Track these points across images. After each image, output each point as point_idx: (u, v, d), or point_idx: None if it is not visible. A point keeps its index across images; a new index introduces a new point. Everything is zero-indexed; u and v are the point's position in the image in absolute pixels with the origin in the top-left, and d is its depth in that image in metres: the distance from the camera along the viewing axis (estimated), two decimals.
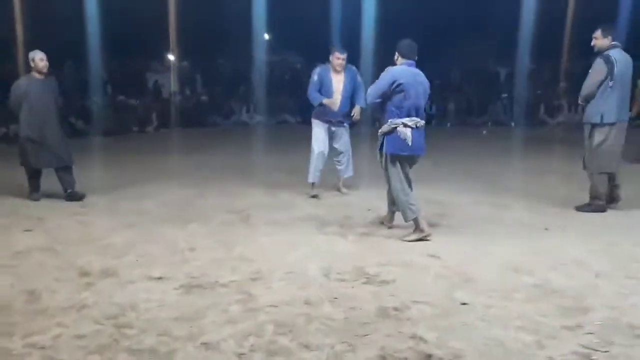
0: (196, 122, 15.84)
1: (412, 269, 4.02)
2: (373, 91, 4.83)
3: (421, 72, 4.84)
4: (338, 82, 6.44)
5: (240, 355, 2.77)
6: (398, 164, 4.81)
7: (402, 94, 4.68)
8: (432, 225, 5.01)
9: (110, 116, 14.42)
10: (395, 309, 3.31)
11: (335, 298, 3.49)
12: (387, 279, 3.80)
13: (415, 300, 3.42)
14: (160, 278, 3.86)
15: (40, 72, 6.31)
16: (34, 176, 6.49)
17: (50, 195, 6.54)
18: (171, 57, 18.20)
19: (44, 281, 3.81)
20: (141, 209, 5.96)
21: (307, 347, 2.85)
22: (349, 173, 6.76)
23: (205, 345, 2.87)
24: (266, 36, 20.71)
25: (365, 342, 2.91)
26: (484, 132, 13.80)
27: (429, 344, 2.87)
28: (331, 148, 6.64)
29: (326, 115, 6.49)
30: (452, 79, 17.31)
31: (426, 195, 6.59)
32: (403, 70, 4.75)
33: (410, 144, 4.72)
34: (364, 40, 15.32)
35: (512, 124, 15.29)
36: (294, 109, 16.84)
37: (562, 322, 3.11)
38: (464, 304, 3.38)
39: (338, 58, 6.36)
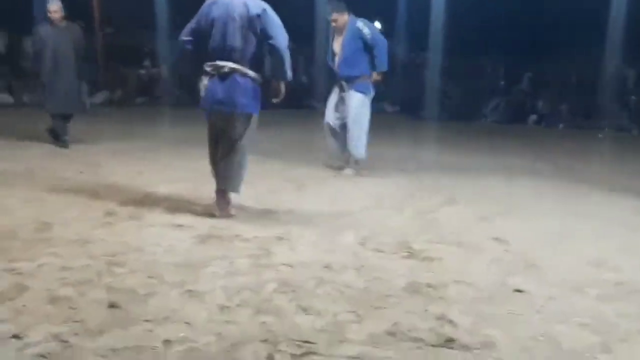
0: (293, 104, 15.64)
1: (466, 249, 3.37)
2: (184, 29, 3.72)
3: (245, 2, 3.56)
4: (338, 44, 5.54)
5: (223, 307, 2.34)
6: (208, 123, 3.78)
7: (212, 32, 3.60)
8: (505, 212, 4.33)
9: None
10: (429, 285, 2.72)
11: (362, 266, 2.95)
12: (432, 257, 3.18)
13: (457, 280, 2.81)
14: (180, 225, 3.53)
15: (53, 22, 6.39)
16: (57, 122, 6.51)
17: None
18: None
19: (65, 216, 3.62)
20: (197, 167, 5.71)
21: (305, 310, 2.36)
22: (355, 151, 5.61)
23: (190, 292, 2.47)
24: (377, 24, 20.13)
25: (377, 315, 2.36)
26: (600, 135, 12.36)
27: (457, 328, 2.26)
28: None
29: (336, 80, 5.71)
30: (570, 79, 15.75)
31: (513, 182, 5.83)
32: (216, 1, 3.61)
33: (203, 96, 3.68)
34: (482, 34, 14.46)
35: (634, 131, 13.60)
36: (393, 97, 16.21)
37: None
38: (518, 290, 2.71)
39: (330, 20, 5.56)
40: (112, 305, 2.29)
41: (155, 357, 1.92)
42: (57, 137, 6.51)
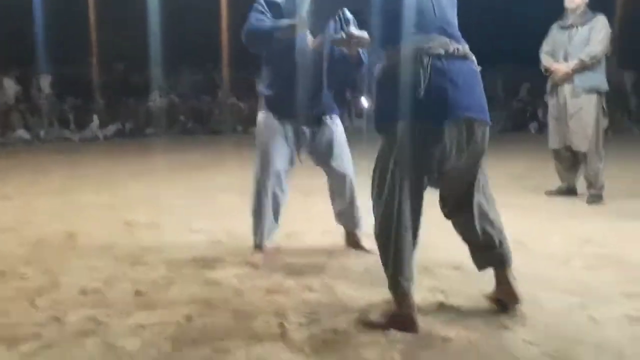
0: None
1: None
2: None
3: None
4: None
5: (237, 290, 2.60)
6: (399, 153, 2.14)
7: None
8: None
9: (218, 117, 15.05)
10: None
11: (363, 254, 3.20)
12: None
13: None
14: (198, 230, 3.81)
15: None
16: None
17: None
18: None
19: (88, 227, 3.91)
20: (207, 184, 6.02)
21: (310, 289, 2.62)
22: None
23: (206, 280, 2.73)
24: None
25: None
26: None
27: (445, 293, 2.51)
28: None
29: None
30: None
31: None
32: None
33: (419, 98, 2.04)
34: None
35: (635, 131, 13.76)
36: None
37: (621, 289, 2.59)
38: None
39: None
40: (137, 293, 2.56)
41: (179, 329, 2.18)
42: None
